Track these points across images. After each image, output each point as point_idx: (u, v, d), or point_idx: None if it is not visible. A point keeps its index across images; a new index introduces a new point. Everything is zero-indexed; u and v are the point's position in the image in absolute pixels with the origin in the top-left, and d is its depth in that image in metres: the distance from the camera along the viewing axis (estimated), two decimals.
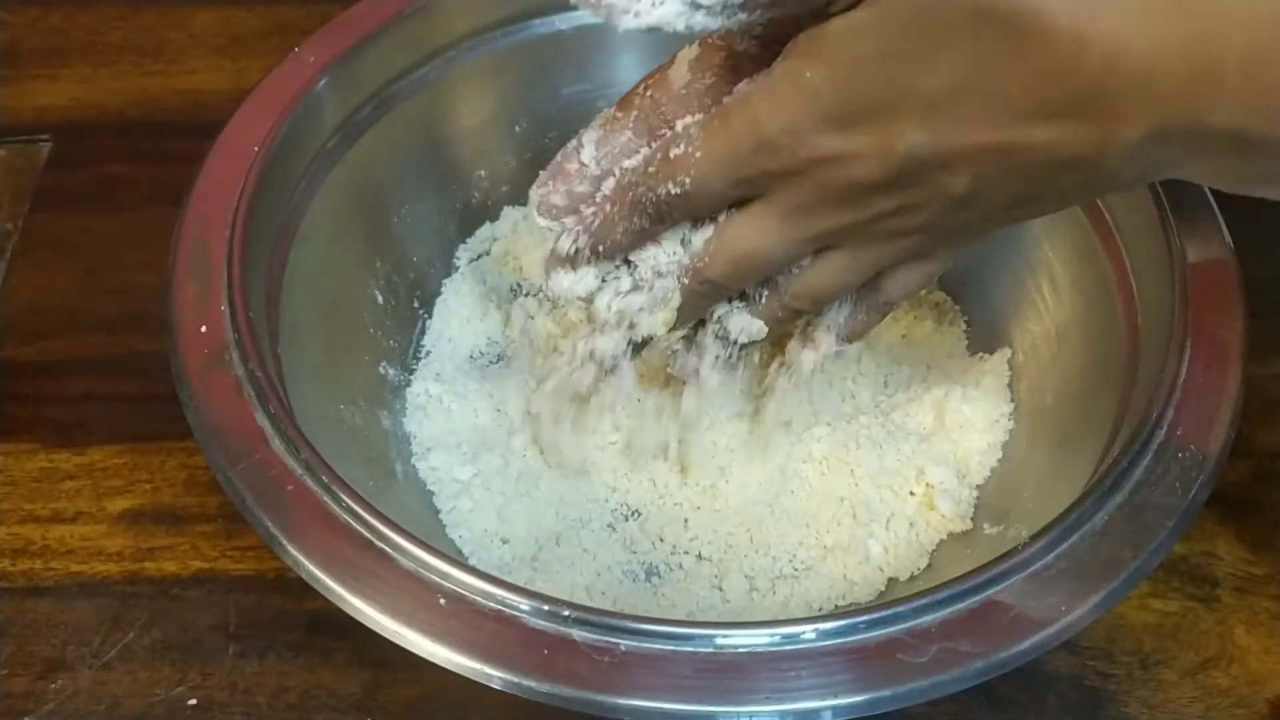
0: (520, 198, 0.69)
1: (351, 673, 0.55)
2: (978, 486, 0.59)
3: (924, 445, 0.60)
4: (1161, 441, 0.49)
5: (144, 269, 0.68)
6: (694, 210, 0.47)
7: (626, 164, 0.49)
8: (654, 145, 0.47)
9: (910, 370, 0.64)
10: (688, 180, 0.45)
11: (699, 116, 0.46)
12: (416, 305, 0.66)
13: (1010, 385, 0.61)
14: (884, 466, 0.60)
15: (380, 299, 0.64)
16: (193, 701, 0.54)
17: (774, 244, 0.46)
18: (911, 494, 0.59)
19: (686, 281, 0.48)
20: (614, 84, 0.53)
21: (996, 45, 0.39)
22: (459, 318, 0.66)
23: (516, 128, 0.69)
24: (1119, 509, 0.47)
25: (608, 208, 0.48)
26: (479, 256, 0.68)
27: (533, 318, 0.66)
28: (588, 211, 0.49)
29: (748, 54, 0.48)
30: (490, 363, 0.65)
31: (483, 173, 0.69)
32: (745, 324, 0.51)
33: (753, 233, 0.46)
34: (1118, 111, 0.39)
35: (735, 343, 0.52)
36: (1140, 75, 0.38)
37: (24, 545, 0.59)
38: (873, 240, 0.46)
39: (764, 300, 0.50)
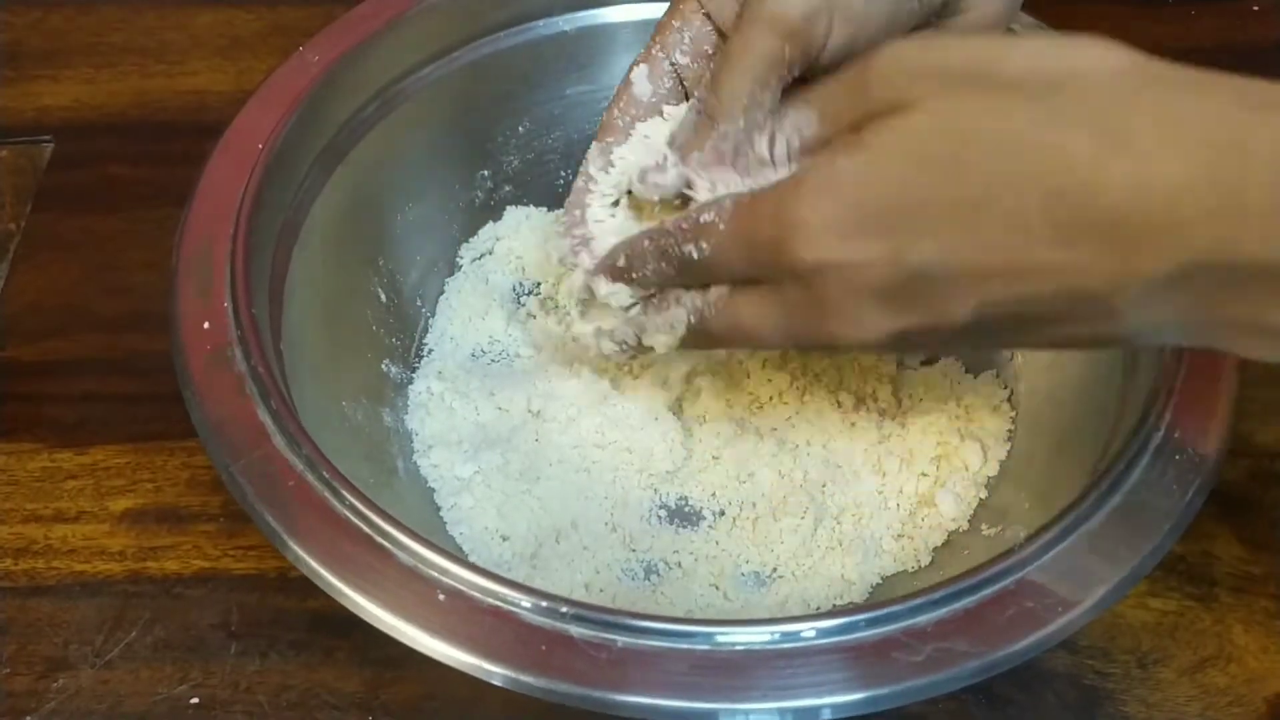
0: (523, 197, 0.70)
1: (353, 671, 0.55)
2: (977, 487, 0.59)
3: (924, 446, 0.60)
4: (1159, 442, 0.49)
5: (145, 269, 0.69)
6: (711, 276, 0.47)
7: (665, 221, 0.49)
8: (692, 205, 0.48)
9: (912, 373, 0.64)
10: (708, 249, 0.46)
11: (736, 188, 0.47)
12: (419, 304, 0.66)
13: (1009, 392, 0.62)
14: (884, 467, 0.60)
15: (383, 297, 0.64)
16: (195, 700, 0.54)
17: (769, 333, 0.46)
18: (911, 494, 0.59)
19: (694, 322, 0.49)
20: (616, 84, 0.54)
21: (1018, 168, 0.39)
22: (461, 316, 0.66)
23: (520, 127, 0.69)
24: (1117, 509, 0.47)
25: (644, 243, 0.49)
26: (481, 255, 0.69)
27: (534, 316, 0.66)
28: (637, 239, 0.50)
29: (686, 66, 0.51)
30: (492, 361, 0.65)
31: (485, 172, 0.69)
32: None
33: (756, 315, 0.46)
34: (1139, 241, 0.38)
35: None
36: (1165, 203, 0.37)
37: (26, 545, 0.59)
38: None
39: None
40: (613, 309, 0.52)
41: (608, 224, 0.53)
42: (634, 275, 0.49)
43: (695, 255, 0.46)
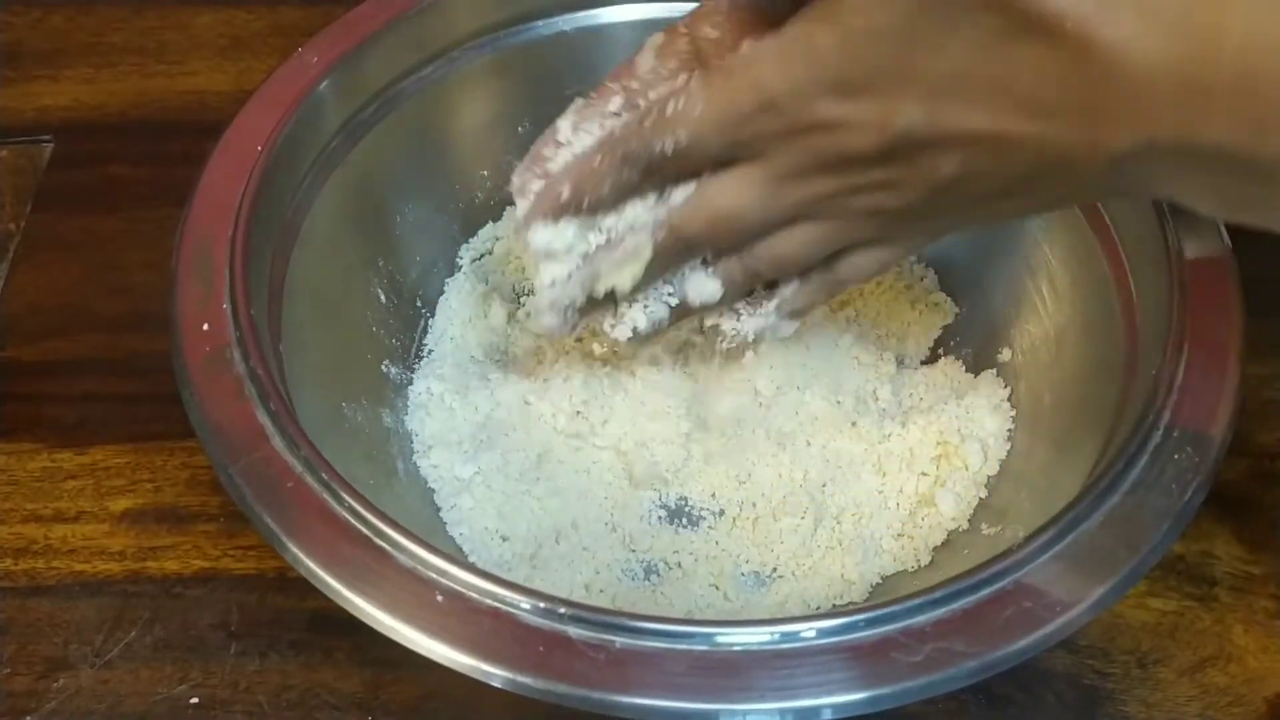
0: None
1: (353, 671, 0.55)
2: (977, 487, 0.59)
3: (924, 446, 0.60)
4: (1159, 442, 0.49)
5: (145, 269, 0.69)
6: (685, 167, 0.46)
7: (611, 123, 0.49)
8: (645, 104, 0.47)
9: (912, 373, 0.64)
10: (684, 136, 0.45)
11: (697, 74, 0.46)
12: (419, 304, 0.66)
13: (1009, 392, 0.62)
14: (884, 466, 0.60)
15: (383, 298, 0.64)
16: (194, 700, 0.54)
17: (756, 207, 0.46)
18: (911, 493, 0.59)
19: (661, 237, 0.48)
20: None
21: (1006, 36, 0.39)
22: (461, 317, 0.66)
23: (519, 128, 0.69)
24: (1116, 509, 0.47)
25: (596, 161, 0.48)
26: (481, 256, 0.69)
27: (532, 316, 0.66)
28: (570, 163, 0.49)
29: (710, 40, 0.49)
30: (492, 362, 0.65)
31: (485, 173, 0.69)
32: (702, 286, 0.51)
33: (736, 194, 0.46)
34: (1109, 120, 0.39)
35: (687, 306, 0.52)
36: (1134, 87, 0.38)
37: (26, 544, 0.59)
38: (850, 215, 0.46)
39: (724, 261, 0.50)
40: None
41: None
42: (587, 201, 0.48)
43: (670, 148, 0.45)
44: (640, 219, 0.49)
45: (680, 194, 0.47)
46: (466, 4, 0.65)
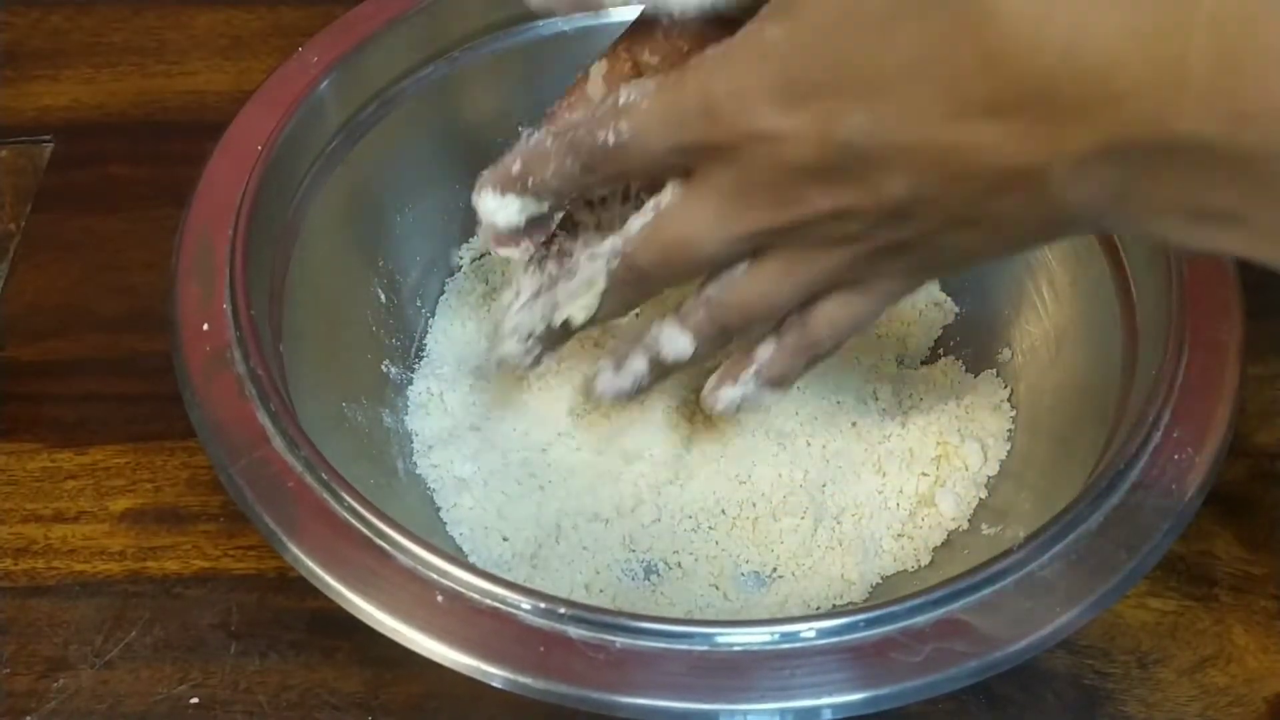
0: None
1: (353, 671, 0.55)
2: (977, 487, 0.59)
3: (924, 446, 0.60)
4: (1159, 443, 0.49)
5: (146, 269, 0.69)
6: (627, 166, 0.45)
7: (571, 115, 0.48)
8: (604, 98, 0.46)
9: (912, 373, 0.64)
10: (627, 130, 0.44)
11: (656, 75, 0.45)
12: (419, 304, 0.66)
13: (1009, 392, 0.62)
14: (884, 467, 0.60)
15: (383, 298, 0.64)
16: (194, 700, 0.54)
17: (706, 232, 0.44)
18: (911, 494, 0.59)
19: (614, 266, 0.47)
20: None
21: (951, 25, 0.37)
22: (461, 317, 0.66)
23: (519, 128, 0.68)
24: (1116, 510, 0.47)
25: (546, 142, 0.47)
26: (481, 256, 0.69)
27: None
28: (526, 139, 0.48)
29: (650, 65, 0.48)
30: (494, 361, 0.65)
31: (486, 173, 0.69)
32: (674, 340, 0.50)
33: (687, 218, 0.45)
34: (1071, 113, 0.36)
35: (661, 363, 0.51)
36: (1098, 71, 0.35)
37: (26, 544, 0.59)
38: (807, 247, 0.44)
39: (690, 312, 0.49)
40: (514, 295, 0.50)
41: None
42: (531, 181, 0.47)
43: (612, 140, 0.44)
44: (599, 249, 0.48)
45: (636, 223, 0.46)
46: (466, 4, 0.65)
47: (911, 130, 0.39)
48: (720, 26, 0.46)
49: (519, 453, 0.60)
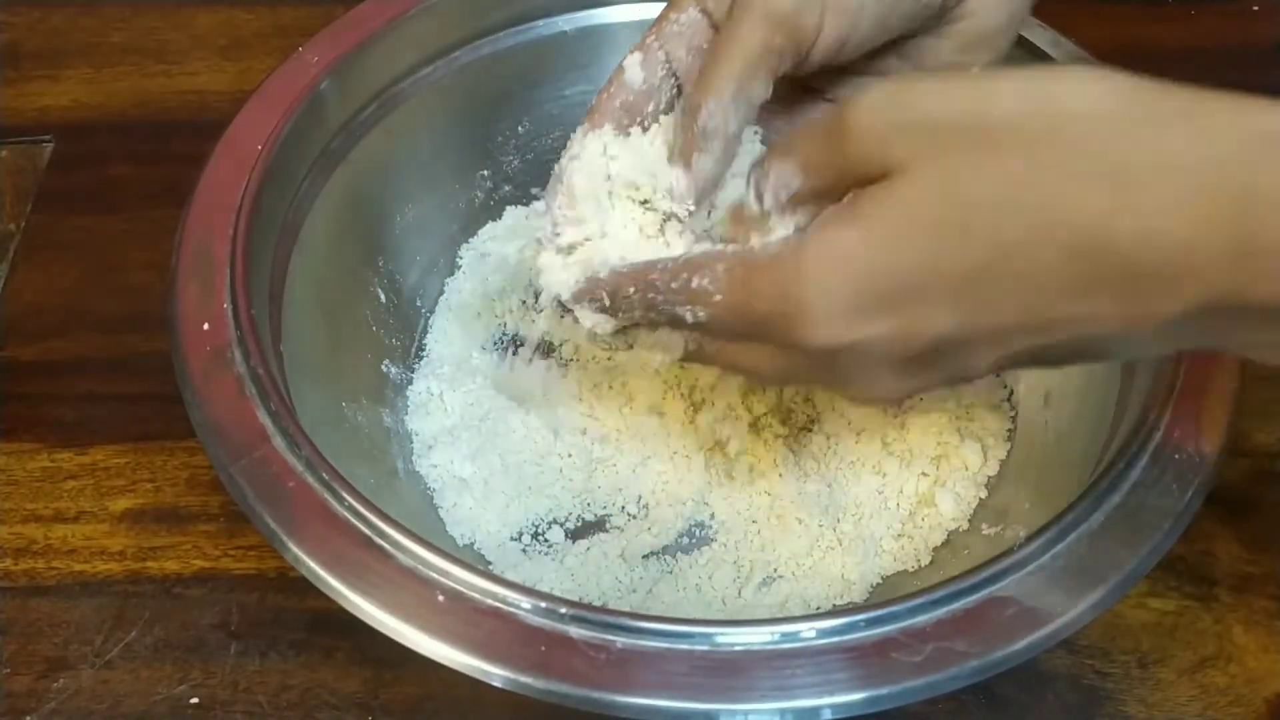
0: (523, 197, 0.70)
1: (353, 671, 0.55)
2: (977, 487, 0.59)
3: (924, 446, 0.60)
4: (1159, 443, 0.49)
5: (146, 269, 0.69)
6: (707, 335, 0.46)
7: (646, 257, 0.47)
8: (681, 257, 0.45)
9: None
10: (704, 316, 0.44)
11: (722, 248, 0.45)
12: (419, 304, 0.66)
13: (1009, 392, 0.61)
14: (884, 467, 0.60)
15: (383, 297, 0.64)
16: (194, 700, 0.54)
17: (772, 378, 0.47)
18: (911, 494, 0.59)
19: (692, 349, 0.47)
20: None
21: (1026, 230, 0.38)
22: (461, 317, 0.66)
23: (519, 128, 0.69)
24: (1116, 510, 0.47)
25: (629, 290, 0.46)
26: (482, 256, 0.69)
27: (534, 318, 0.66)
28: (615, 272, 0.47)
29: (682, 60, 0.49)
30: (494, 361, 0.65)
31: (485, 173, 0.69)
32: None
33: (756, 362, 0.45)
34: (1157, 286, 0.37)
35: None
36: (1179, 249, 0.36)
37: (26, 544, 0.59)
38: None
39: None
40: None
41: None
42: (619, 314, 0.47)
43: (689, 319, 0.44)
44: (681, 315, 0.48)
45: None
46: (466, 4, 0.65)
47: (997, 319, 0.40)
48: None
49: (519, 453, 0.60)
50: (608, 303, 0.47)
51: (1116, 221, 0.37)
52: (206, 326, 0.52)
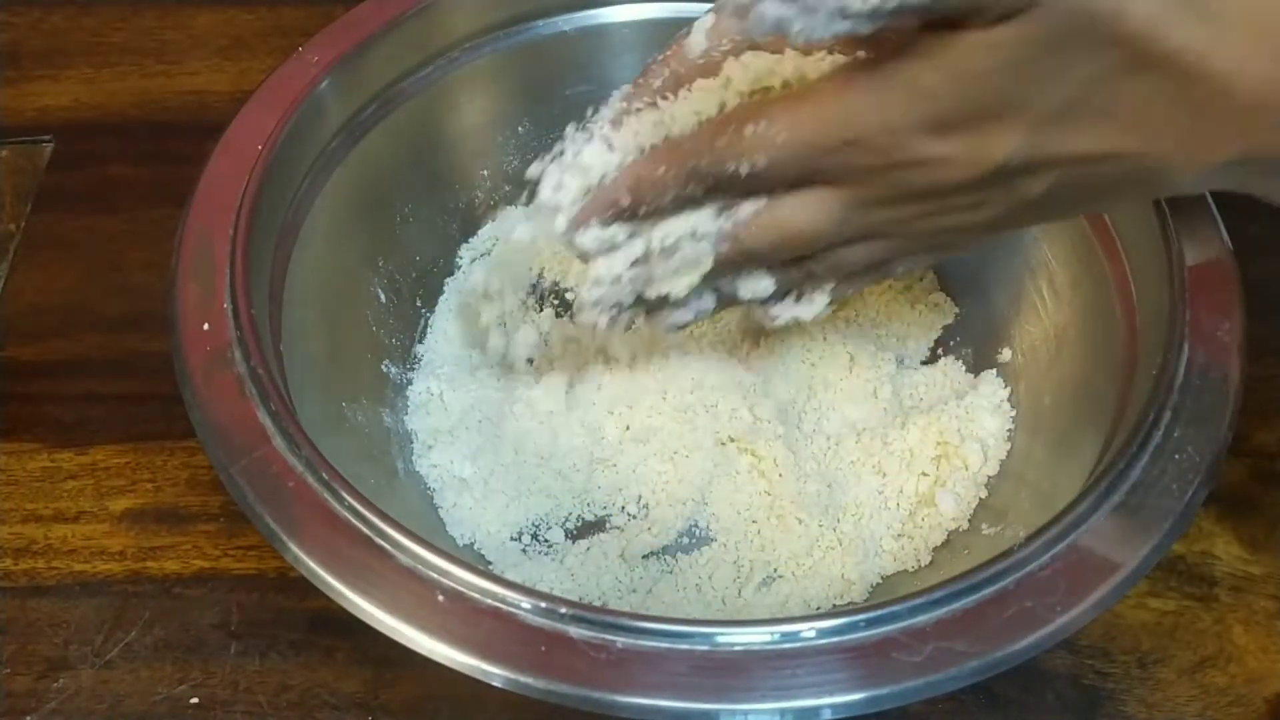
0: (523, 197, 0.70)
1: (353, 671, 0.55)
2: (977, 487, 0.59)
3: (924, 446, 0.60)
4: (1159, 443, 0.49)
5: (146, 269, 0.69)
6: (758, 187, 0.45)
7: (675, 129, 0.47)
8: (718, 115, 0.46)
9: (912, 373, 0.64)
10: (763, 161, 0.43)
11: (772, 92, 0.45)
12: (419, 304, 0.66)
13: (1009, 392, 0.61)
14: (884, 467, 0.60)
15: (383, 297, 0.64)
16: (194, 700, 0.54)
17: (829, 228, 0.45)
18: (911, 494, 0.59)
19: (725, 249, 0.47)
20: (616, 84, 0.54)
21: (1121, 70, 0.39)
22: (461, 317, 0.66)
23: (519, 128, 0.69)
24: (1116, 510, 0.47)
25: (659, 170, 0.45)
26: (481, 256, 0.69)
27: (534, 319, 0.66)
28: (627, 169, 0.47)
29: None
30: (494, 361, 0.65)
31: (485, 173, 0.69)
32: (756, 283, 0.50)
33: (812, 216, 0.45)
34: (1212, 136, 0.39)
35: (734, 300, 0.51)
36: (1241, 109, 0.39)
37: (26, 544, 0.59)
38: (923, 235, 0.46)
39: (784, 267, 0.49)
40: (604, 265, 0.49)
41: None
42: (644, 210, 0.46)
43: (745, 170, 0.44)
44: (702, 228, 0.47)
45: (748, 208, 0.46)
46: (466, 4, 0.65)
47: (1066, 146, 0.41)
48: None
49: (519, 453, 0.60)
50: (628, 200, 0.46)
51: (1206, 69, 0.38)
52: (206, 326, 0.52)
